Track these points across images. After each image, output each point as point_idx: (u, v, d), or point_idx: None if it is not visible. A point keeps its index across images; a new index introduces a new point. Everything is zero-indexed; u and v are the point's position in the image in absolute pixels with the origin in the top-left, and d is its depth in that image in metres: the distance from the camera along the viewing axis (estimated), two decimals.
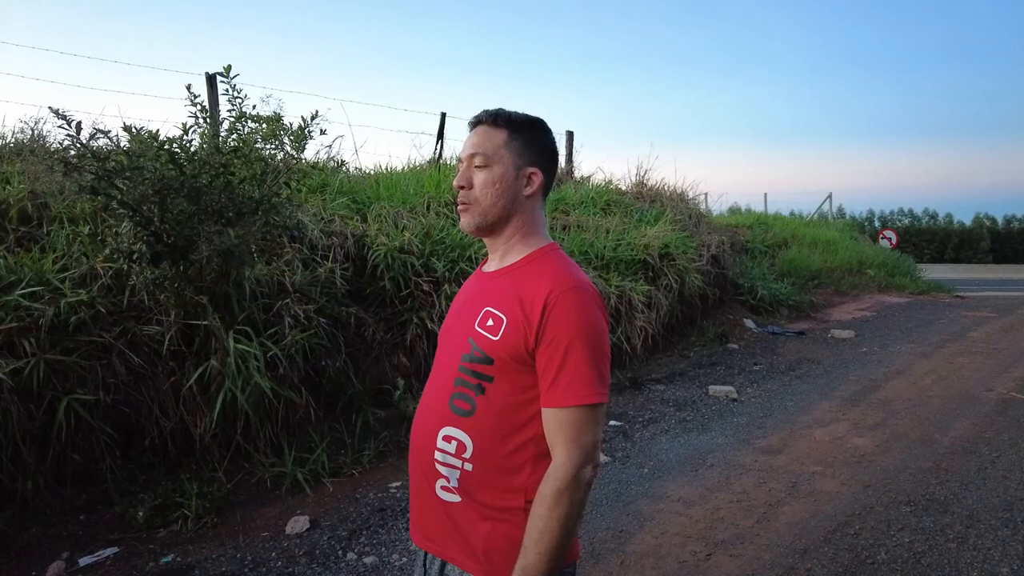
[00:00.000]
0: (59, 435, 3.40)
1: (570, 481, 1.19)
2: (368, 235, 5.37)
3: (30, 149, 5.70)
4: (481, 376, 1.27)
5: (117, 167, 3.18)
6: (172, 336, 3.79)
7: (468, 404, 1.27)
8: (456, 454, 1.28)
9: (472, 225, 1.36)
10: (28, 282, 3.66)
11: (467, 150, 1.36)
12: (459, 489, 1.28)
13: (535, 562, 1.19)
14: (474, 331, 1.29)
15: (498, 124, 1.34)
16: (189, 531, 3.42)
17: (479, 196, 1.33)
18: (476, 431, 1.27)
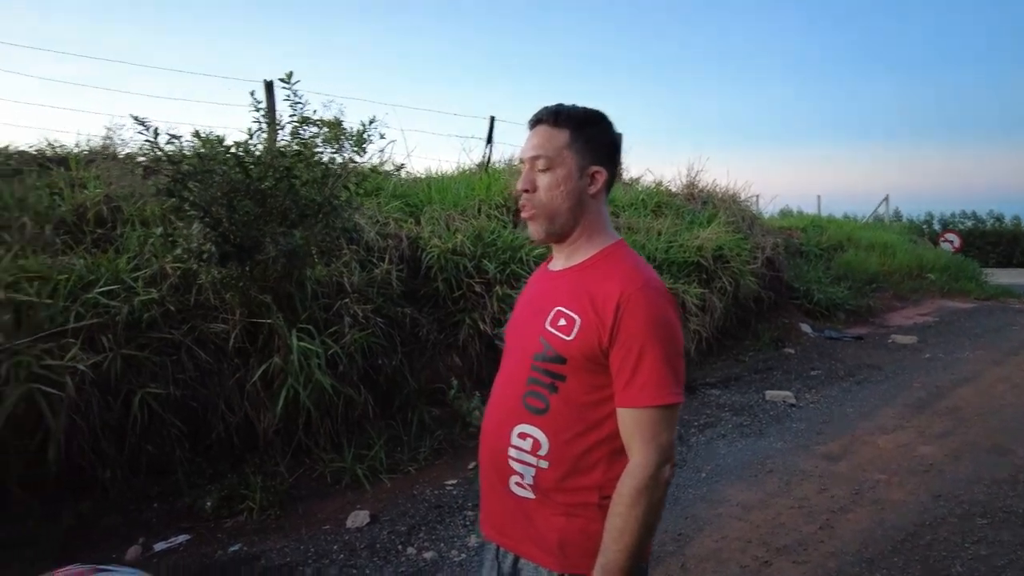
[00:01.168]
0: (134, 427, 3.55)
1: (648, 480, 1.20)
2: (422, 237, 5.46)
3: (103, 156, 5.98)
4: (554, 375, 1.27)
5: (190, 170, 3.32)
6: (237, 334, 3.92)
7: (542, 402, 1.28)
8: (531, 451, 1.29)
9: (542, 233, 1.35)
10: (105, 281, 3.84)
11: (528, 152, 1.33)
12: (534, 486, 1.29)
13: (615, 559, 1.20)
14: (545, 331, 1.30)
15: (559, 123, 1.32)
16: (254, 522, 3.53)
17: (544, 200, 1.32)
18: (551, 429, 1.28)
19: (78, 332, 3.58)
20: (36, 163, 5.64)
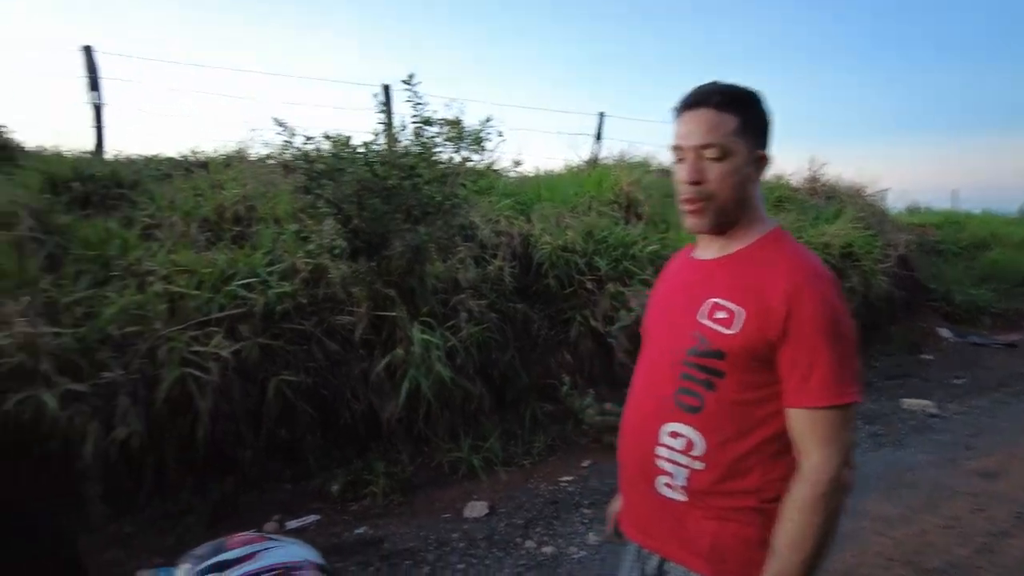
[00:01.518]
0: (269, 412, 3.78)
1: (829, 484, 1.11)
2: (533, 235, 5.46)
3: (238, 159, 6.43)
4: (711, 371, 1.19)
5: (323, 169, 3.49)
6: (364, 326, 4.08)
7: (696, 400, 1.20)
8: (684, 451, 1.21)
9: (707, 226, 1.24)
10: (243, 275, 4.12)
11: (694, 139, 1.21)
12: (687, 488, 1.21)
13: (792, 570, 1.11)
14: (700, 324, 1.21)
15: (726, 107, 1.20)
16: (378, 507, 3.66)
17: (716, 191, 1.21)
18: (706, 428, 1.20)
19: (221, 321, 3.85)
20: (182, 168, 6.16)
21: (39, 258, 4.01)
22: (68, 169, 5.22)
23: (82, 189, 5.05)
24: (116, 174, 5.43)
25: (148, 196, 5.18)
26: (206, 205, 4.97)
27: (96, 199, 5.08)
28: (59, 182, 5.02)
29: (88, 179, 5.17)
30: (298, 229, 4.23)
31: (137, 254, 4.22)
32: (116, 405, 3.37)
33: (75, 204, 4.92)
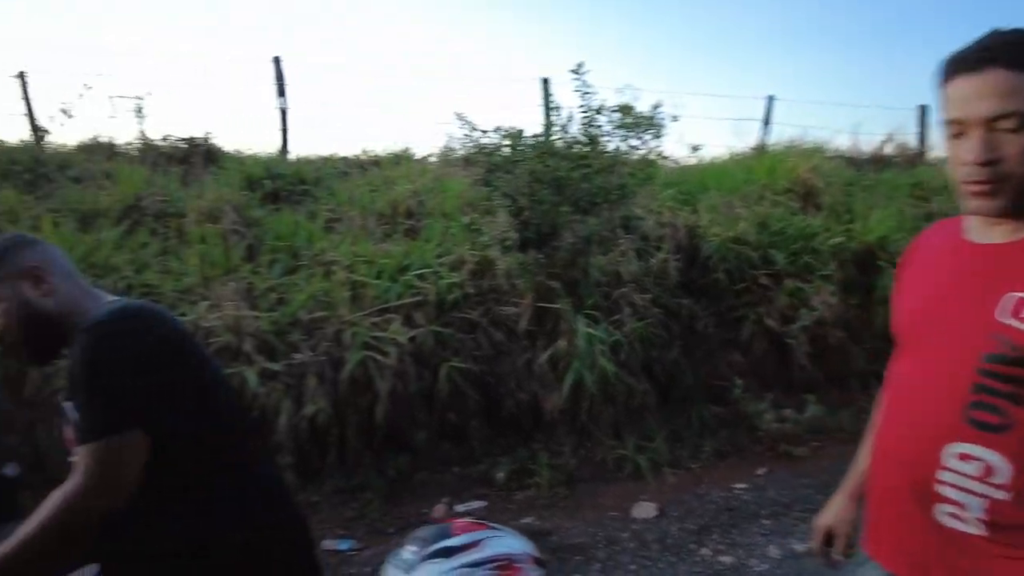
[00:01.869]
0: (440, 396, 3.90)
1: None
2: (700, 226, 5.20)
3: (405, 158, 6.76)
4: (1019, 382, 0.97)
5: (500, 162, 3.54)
6: (527, 317, 4.09)
7: (998, 417, 0.99)
8: (980, 477, 1.01)
9: (1001, 207, 1.02)
10: (417, 265, 4.29)
11: (982, 108, 0.98)
12: (985, 521, 1.01)
13: None
14: (1001, 324, 1.00)
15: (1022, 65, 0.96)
16: (543, 498, 3.65)
17: (1017, 170, 0.98)
18: (1012, 451, 0.99)
19: (398, 309, 4.03)
20: (356, 166, 6.58)
21: (240, 248, 4.44)
22: (261, 169, 5.76)
23: (272, 187, 5.54)
24: (300, 172, 5.90)
25: (329, 192, 5.58)
26: (380, 200, 5.25)
27: (284, 195, 5.55)
28: (254, 180, 5.54)
29: (277, 177, 5.66)
30: (469, 222, 4.32)
31: (321, 245, 4.55)
32: (305, 384, 3.64)
33: (267, 200, 5.40)
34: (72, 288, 1.25)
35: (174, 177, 5.40)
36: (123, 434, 1.06)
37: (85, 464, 1.05)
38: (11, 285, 1.20)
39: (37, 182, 5.23)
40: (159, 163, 5.79)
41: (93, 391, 1.07)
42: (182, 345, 1.19)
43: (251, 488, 1.20)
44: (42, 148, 5.92)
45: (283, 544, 1.22)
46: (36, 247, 1.26)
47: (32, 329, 1.20)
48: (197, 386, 1.18)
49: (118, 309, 1.15)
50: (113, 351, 1.09)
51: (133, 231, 4.52)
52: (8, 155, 5.51)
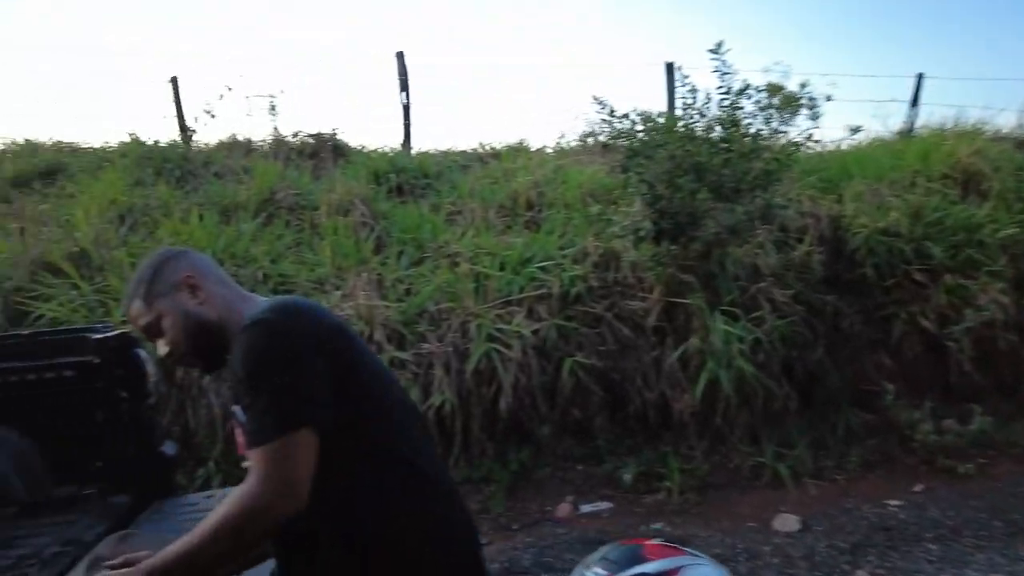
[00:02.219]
0: (563, 391, 3.80)
1: None
2: (844, 216, 4.77)
3: (523, 150, 6.70)
4: None
5: (639, 147, 3.37)
6: (656, 312, 3.90)
7: None
8: None
9: None
10: (540, 258, 4.20)
11: None
12: None
13: None
14: None
15: None
16: (673, 503, 3.47)
17: None
18: None
19: (521, 302, 3.97)
20: (475, 159, 6.60)
21: (369, 240, 4.54)
22: (386, 163, 5.88)
23: (397, 180, 5.64)
24: (423, 166, 5.99)
25: (450, 185, 5.62)
26: (500, 192, 5.22)
27: (407, 189, 5.64)
28: (380, 174, 5.66)
29: (401, 171, 5.77)
30: (598, 212, 4.19)
31: (445, 237, 4.57)
32: (432, 374, 3.65)
33: (392, 193, 5.51)
34: (226, 293, 1.24)
35: (305, 172, 5.63)
36: (293, 434, 1.00)
37: (258, 468, 1.01)
38: (171, 298, 1.20)
39: (185, 178, 5.62)
40: (291, 158, 6.06)
41: (258, 392, 1.03)
42: (342, 338, 1.14)
43: (414, 482, 1.14)
44: (189, 147, 6.35)
45: (446, 543, 1.15)
46: (186, 257, 1.27)
47: (198, 339, 1.19)
48: (360, 379, 1.13)
49: (274, 307, 1.11)
50: (274, 349, 1.05)
51: (269, 223, 4.74)
52: (162, 154, 5.96)
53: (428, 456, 1.19)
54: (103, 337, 2.19)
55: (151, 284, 1.21)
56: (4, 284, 3.83)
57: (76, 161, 6.03)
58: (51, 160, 6.17)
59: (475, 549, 1.21)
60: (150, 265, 1.24)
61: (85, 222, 4.40)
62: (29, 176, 5.84)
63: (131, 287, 1.24)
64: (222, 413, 3.52)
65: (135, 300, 1.21)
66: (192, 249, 1.34)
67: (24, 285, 3.83)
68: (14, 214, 4.82)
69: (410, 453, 1.15)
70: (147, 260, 1.28)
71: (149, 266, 1.24)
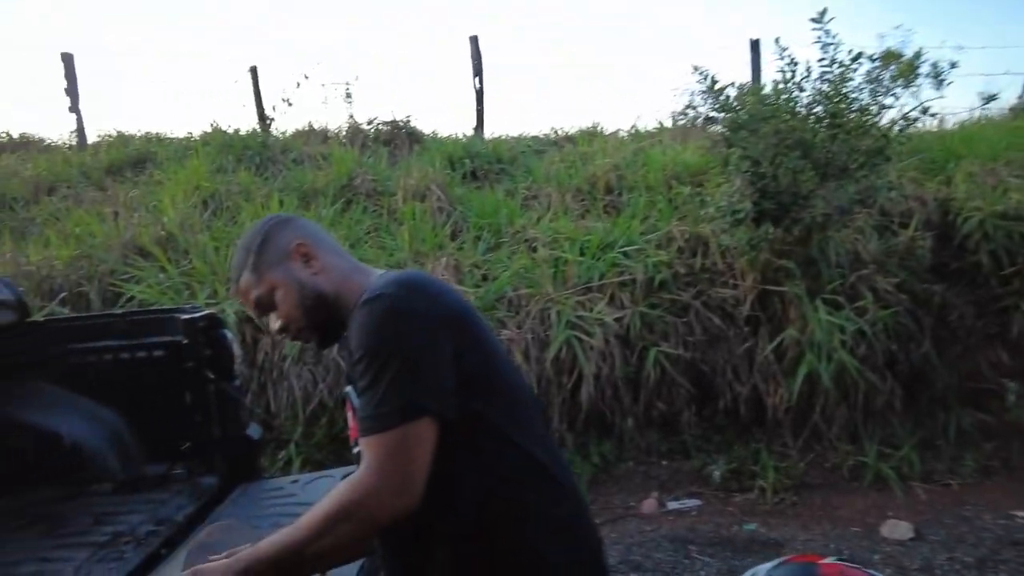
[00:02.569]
0: (647, 382, 3.62)
1: None
2: (954, 199, 4.38)
3: (597, 134, 6.50)
4: None
5: (744, 121, 3.14)
6: (749, 300, 3.67)
7: None
8: None
9: None
10: (621, 243, 4.03)
11: None
12: None
13: None
14: None
15: None
16: (766, 503, 3.25)
17: None
18: None
19: (602, 288, 3.81)
20: (548, 143, 6.45)
21: (446, 225, 4.47)
22: (461, 148, 5.81)
23: (471, 166, 5.57)
24: (497, 151, 5.89)
25: (525, 170, 5.50)
26: (577, 176, 5.06)
27: (481, 174, 5.56)
28: (454, 160, 5.60)
29: (475, 156, 5.69)
30: (690, 193, 3.97)
31: (521, 222, 4.45)
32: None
33: (467, 179, 5.44)
34: (341, 263, 1.13)
35: (381, 158, 5.62)
36: (413, 424, 0.90)
37: (370, 459, 0.91)
38: (283, 268, 1.08)
39: (264, 165, 5.71)
40: (367, 145, 6.08)
41: (376, 375, 0.91)
42: (467, 318, 1.02)
43: (537, 478, 1.02)
44: (268, 135, 6.46)
45: (570, 545, 1.03)
46: (296, 223, 1.15)
47: (314, 312, 1.08)
48: (483, 364, 1.01)
49: (396, 280, 0.99)
50: (396, 327, 0.93)
51: (347, 209, 4.74)
52: (242, 142, 6.08)
53: (550, 450, 1.07)
54: (191, 317, 2.18)
55: (260, 253, 1.10)
56: (99, 267, 3.95)
57: (163, 150, 6.23)
58: (141, 150, 6.41)
59: (599, 552, 1.08)
60: (257, 232, 1.13)
61: (171, 207, 4.51)
62: (122, 165, 6.08)
63: (238, 258, 1.13)
64: (303, 396, 3.53)
65: (244, 271, 1.10)
66: (300, 216, 1.24)
67: (117, 268, 3.94)
68: (108, 201, 5.01)
69: (533, 446, 1.02)
70: (252, 228, 1.16)
71: (256, 234, 1.13)
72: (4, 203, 5.43)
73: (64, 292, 3.80)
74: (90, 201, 5.08)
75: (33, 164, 6.12)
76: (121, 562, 1.74)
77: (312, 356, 3.64)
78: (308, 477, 2.21)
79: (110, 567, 1.72)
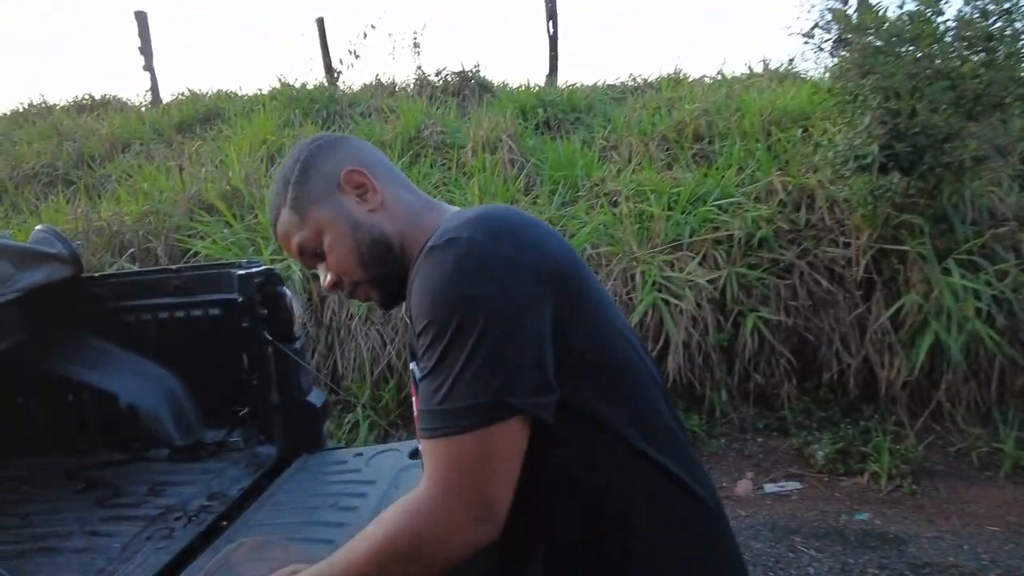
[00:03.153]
0: (743, 351, 3.26)
1: None
2: None
3: (677, 80, 5.99)
4: None
5: (886, 42, 2.66)
6: (863, 261, 3.22)
7: None
8: None
9: None
10: (714, 196, 3.63)
11: None
12: None
13: None
14: None
15: None
16: (879, 491, 2.87)
17: None
18: None
19: (692, 246, 3.45)
20: (630, 91, 6.00)
21: (519, 179, 4.17)
22: (533, 98, 5.46)
23: (544, 115, 5.22)
24: (571, 99, 5.50)
25: (603, 118, 5.10)
26: (662, 123, 4.63)
27: (555, 124, 5.20)
28: (527, 110, 5.26)
29: (549, 105, 5.32)
30: (805, 135, 3.51)
31: (600, 174, 4.10)
32: None
33: (540, 129, 5.10)
34: (408, 196, 0.85)
35: (450, 109, 5.35)
36: (495, 426, 0.63)
37: (434, 473, 0.65)
38: (332, 204, 0.81)
39: (332, 118, 5.55)
40: (435, 96, 5.81)
41: (443, 353, 0.65)
42: (571, 271, 0.73)
43: (656, 484, 0.73)
44: (335, 88, 6.29)
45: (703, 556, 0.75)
46: (347, 146, 0.86)
47: (374, 262, 0.81)
48: (594, 334, 0.72)
49: (476, 219, 0.70)
50: (475, 285, 0.65)
51: (415, 162, 4.51)
52: (309, 96, 5.93)
53: (674, 445, 0.77)
54: (246, 273, 1.98)
55: (302, 184, 0.82)
56: (166, 222, 3.87)
57: (232, 106, 6.16)
58: (211, 106, 6.36)
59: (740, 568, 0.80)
60: (299, 157, 0.84)
61: (237, 162, 4.39)
62: (191, 122, 6.05)
63: (275, 190, 0.86)
64: (370, 357, 3.36)
65: (282, 209, 0.84)
66: (352, 136, 0.92)
67: (183, 223, 3.86)
68: (176, 157, 4.96)
69: (650, 443, 0.73)
70: (293, 151, 0.87)
71: (296, 160, 0.84)
72: (83, 161, 5.49)
73: (133, 248, 3.74)
74: (160, 157, 5.04)
75: (109, 123, 6.18)
76: (169, 540, 1.58)
77: (380, 315, 3.46)
78: (372, 450, 2.00)
79: (158, 546, 1.57)
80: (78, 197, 4.57)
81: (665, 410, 0.78)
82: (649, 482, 0.73)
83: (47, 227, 2.16)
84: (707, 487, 0.78)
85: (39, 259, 2.04)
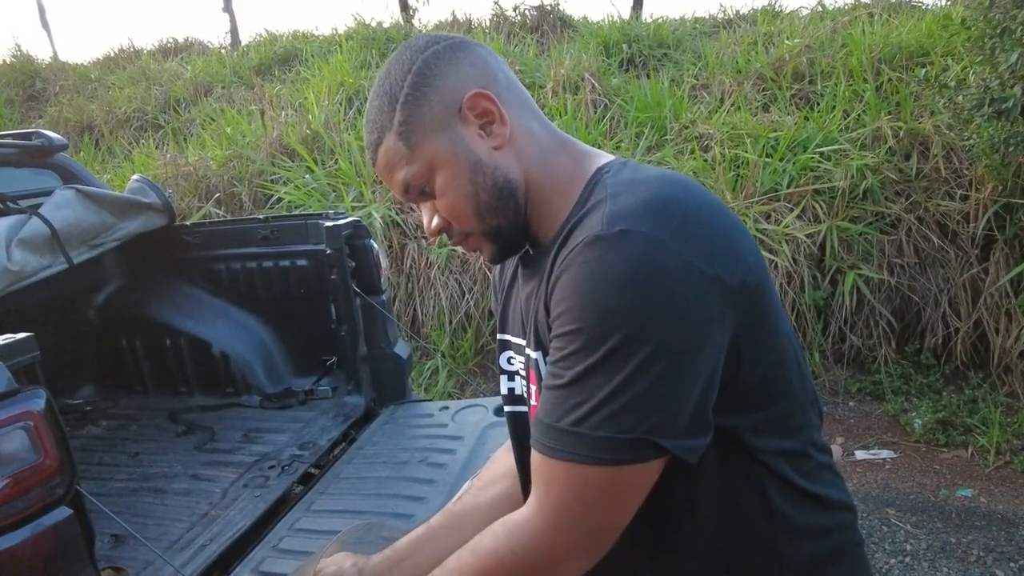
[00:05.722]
0: (839, 310, 3.07)
1: None
2: None
3: (777, 12, 5.53)
4: None
5: None
6: (983, 216, 2.93)
7: None
8: None
9: None
10: (816, 142, 3.36)
11: None
12: None
13: None
14: None
15: None
16: (986, 466, 2.68)
17: None
18: None
19: (790, 197, 3.22)
20: (722, 25, 5.60)
21: (603, 121, 3.98)
22: (617, 33, 5.17)
23: (629, 52, 4.94)
24: (658, 34, 5.19)
25: (693, 55, 4.79)
26: (758, 61, 4.30)
27: (640, 61, 4.93)
28: (610, 46, 4.99)
29: (634, 41, 5.03)
30: (924, 76, 3.19)
31: (690, 116, 3.86)
32: None
33: (625, 67, 4.84)
34: (534, 127, 0.67)
35: (530, 46, 5.14)
36: (637, 466, 0.54)
37: (548, 499, 0.58)
38: (452, 135, 0.64)
39: None
40: (514, 33, 5.60)
41: (592, 367, 0.54)
42: (761, 285, 0.59)
43: (813, 519, 0.64)
44: (411, 26, 6.15)
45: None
46: (471, 55, 0.66)
47: (491, 212, 0.66)
48: (768, 366, 0.60)
49: (658, 205, 0.56)
50: (650, 297, 0.53)
51: None
52: (385, 35, 5.83)
53: (829, 476, 0.68)
54: (334, 225, 1.96)
55: (414, 105, 0.64)
56: (249, 167, 3.93)
57: (309, 47, 6.13)
58: (288, 48, 6.36)
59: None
60: (411, 68, 0.64)
61: (316, 105, 4.37)
62: (270, 64, 6.07)
63: (376, 105, 0.67)
64: (450, 306, 3.35)
65: (386, 135, 0.65)
66: (478, 43, 0.69)
67: (265, 168, 3.90)
68: (257, 100, 4.99)
69: (796, 471, 0.64)
70: (403, 53, 0.66)
71: (409, 69, 0.64)
72: (169, 105, 5.62)
73: (218, 193, 3.82)
74: (241, 101, 5.10)
75: (192, 66, 6.28)
76: (265, 489, 1.63)
77: (459, 264, 3.43)
78: (458, 405, 2.00)
79: (255, 494, 1.62)
80: (166, 142, 4.69)
81: (815, 420, 0.68)
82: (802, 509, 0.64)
83: (142, 177, 2.20)
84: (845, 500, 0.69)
85: (136, 208, 2.09)
